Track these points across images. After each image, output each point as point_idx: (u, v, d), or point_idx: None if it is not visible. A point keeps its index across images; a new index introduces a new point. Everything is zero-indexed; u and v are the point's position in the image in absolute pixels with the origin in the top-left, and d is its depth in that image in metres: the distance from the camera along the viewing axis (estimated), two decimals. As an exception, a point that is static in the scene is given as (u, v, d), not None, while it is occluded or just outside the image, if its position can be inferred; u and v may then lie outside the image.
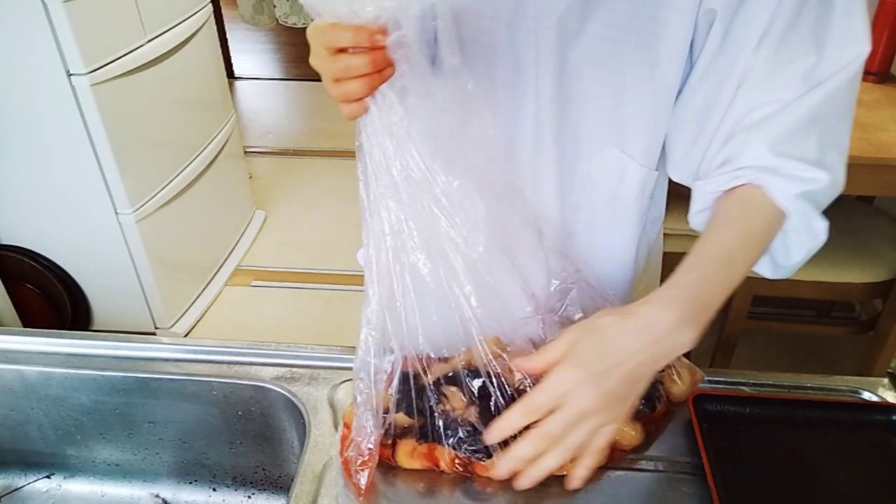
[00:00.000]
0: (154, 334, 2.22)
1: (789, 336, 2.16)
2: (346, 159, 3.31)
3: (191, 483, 0.94)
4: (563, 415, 0.56)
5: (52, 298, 2.12)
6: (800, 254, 0.67)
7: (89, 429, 0.90)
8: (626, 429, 0.72)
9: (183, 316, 2.31)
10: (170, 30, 2.07)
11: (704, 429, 0.72)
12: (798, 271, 0.69)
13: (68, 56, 1.74)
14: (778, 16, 0.61)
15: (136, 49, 1.93)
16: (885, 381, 0.83)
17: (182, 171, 2.20)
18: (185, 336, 2.25)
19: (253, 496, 0.93)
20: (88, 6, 1.75)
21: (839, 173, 0.65)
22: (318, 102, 3.91)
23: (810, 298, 2.11)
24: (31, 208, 2.02)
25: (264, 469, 0.92)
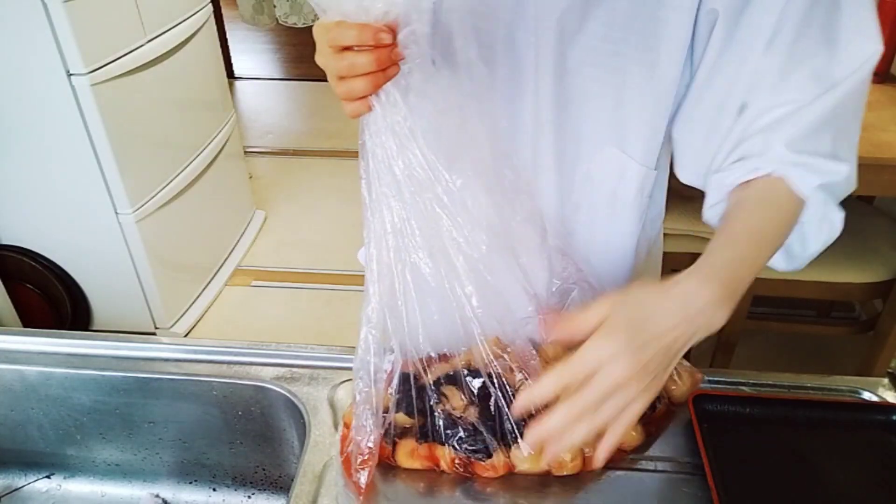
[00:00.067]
0: (154, 334, 2.22)
1: (789, 336, 2.15)
2: (346, 159, 3.31)
3: (191, 483, 0.94)
4: (597, 385, 0.54)
5: (52, 298, 2.12)
6: (817, 244, 0.68)
7: (89, 429, 0.90)
8: (626, 429, 0.72)
9: (183, 316, 2.31)
10: (170, 30, 2.07)
11: (704, 429, 0.72)
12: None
13: (68, 56, 1.74)
14: (788, 16, 0.62)
15: (136, 49, 1.93)
16: (885, 381, 0.83)
17: (182, 171, 2.20)
18: (185, 336, 2.25)
19: (253, 496, 0.93)
20: (88, 6, 1.75)
21: (853, 168, 0.66)
22: (318, 102, 3.91)
23: (810, 298, 2.11)
24: (31, 208, 2.02)
25: (264, 469, 0.92)
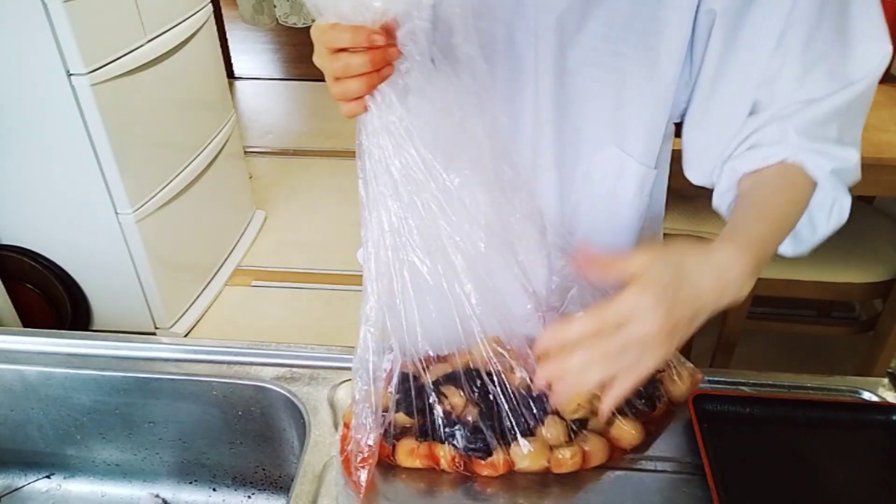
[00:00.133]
0: (154, 334, 2.22)
1: (789, 336, 2.15)
2: (345, 159, 3.30)
3: (191, 483, 0.94)
4: (625, 334, 0.55)
5: (52, 298, 2.12)
6: (826, 228, 0.69)
7: (89, 429, 0.90)
8: (626, 428, 0.72)
9: (183, 316, 2.31)
10: (170, 30, 2.07)
11: (704, 429, 0.72)
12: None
13: (68, 56, 1.74)
14: (796, 18, 0.63)
15: (136, 49, 1.93)
16: (885, 381, 0.83)
17: (182, 171, 2.20)
18: (185, 336, 2.25)
19: (253, 496, 0.93)
20: (88, 6, 1.74)
21: (859, 157, 0.68)
22: (318, 102, 3.91)
23: (810, 298, 2.10)
24: (31, 208, 2.02)
25: (264, 469, 0.92)
